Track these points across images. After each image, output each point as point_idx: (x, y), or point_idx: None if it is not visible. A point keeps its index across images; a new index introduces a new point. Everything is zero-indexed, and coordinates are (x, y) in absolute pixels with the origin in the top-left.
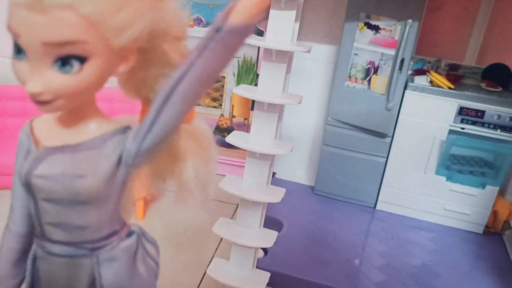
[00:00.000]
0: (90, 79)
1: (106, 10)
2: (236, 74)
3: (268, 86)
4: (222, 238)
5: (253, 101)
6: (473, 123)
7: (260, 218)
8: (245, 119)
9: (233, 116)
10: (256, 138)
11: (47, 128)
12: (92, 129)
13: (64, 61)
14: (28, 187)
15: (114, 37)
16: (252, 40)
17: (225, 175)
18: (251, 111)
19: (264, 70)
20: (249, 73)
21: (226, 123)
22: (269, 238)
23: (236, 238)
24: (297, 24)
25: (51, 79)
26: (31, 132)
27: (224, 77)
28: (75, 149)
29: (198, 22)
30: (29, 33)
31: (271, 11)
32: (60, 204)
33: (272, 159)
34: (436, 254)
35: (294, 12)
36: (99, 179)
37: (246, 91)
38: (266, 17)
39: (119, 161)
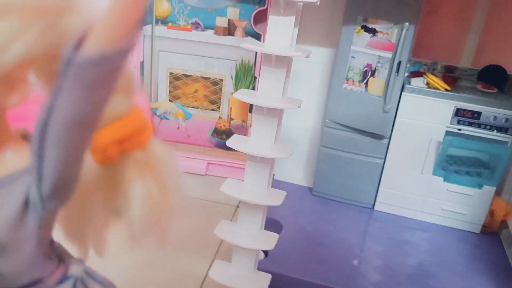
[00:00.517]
0: None
1: None
2: (233, 76)
3: (268, 91)
4: (222, 240)
5: (251, 104)
6: (470, 124)
7: (261, 220)
8: (243, 121)
9: (231, 119)
10: (256, 142)
11: None
12: (4, 160)
13: None
14: None
15: None
16: (251, 45)
17: (224, 177)
18: (249, 113)
19: (264, 74)
20: (247, 76)
21: (224, 125)
22: (270, 240)
23: (238, 240)
24: (296, 29)
25: None
26: None
27: (221, 80)
28: None
29: (196, 26)
30: None
31: (271, 17)
32: None
33: (272, 163)
34: (433, 254)
35: (293, 18)
36: (1, 223)
37: (246, 96)
38: (135, 40)
39: (26, 204)
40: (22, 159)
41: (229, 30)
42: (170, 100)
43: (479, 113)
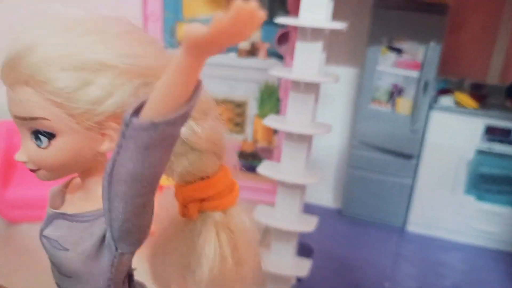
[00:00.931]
0: (60, 155)
1: (66, 89)
2: (257, 99)
3: (297, 116)
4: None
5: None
6: (500, 142)
7: (294, 247)
8: (269, 143)
9: (256, 141)
10: (287, 167)
11: (72, 190)
12: (90, 202)
13: (35, 135)
14: (42, 244)
15: (81, 115)
16: (280, 72)
17: (251, 200)
18: (274, 136)
19: (292, 100)
20: (271, 98)
21: (249, 148)
22: (304, 266)
23: (271, 267)
24: (324, 55)
25: (29, 150)
26: (61, 190)
27: (245, 102)
28: (72, 218)
29: None
30: (9, 107)
31: (298, 43)
32: (54, 267)
33: (303, 188)
34: (468, 275)
35: (320, 44)
36: (78, 256)
37: (276, 122)
38: (188, 111)
39: (102, 242)
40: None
41: (252, 51)
42: None
43: (510, 131)
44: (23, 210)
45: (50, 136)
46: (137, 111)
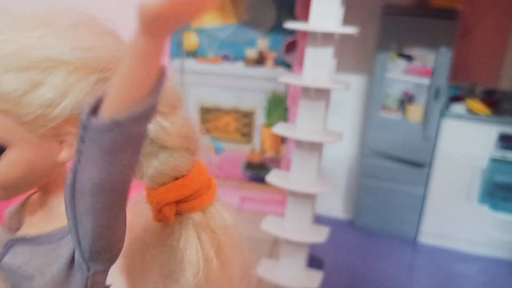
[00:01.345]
0: (14, 171)
1: (14, 92)
2: (265, 108)
3: (308, 124)
4: (260, 280)
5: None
6: None
7: (304, 258)
8: (277, 153)
9: (264, 151)
10: (297, 177)
11: (30, 211)
12: (52, 221)
13: None
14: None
15: (33, 122)
16: (290, 79)
17: (259, 212)
18: (282, 145)
19: (303, 108)
20: (279, 108)
21: (257, 158)
22: (314, 279)
23: (281, 280)
24: (335, 61)
25: None
26: (16, 211)
27: (253, 112)
28: (33, 241)
29: (226, 58)
30: None
31: (308, 49)
32: None
33: (314, 198)
34: (488, 286)
35: (331, 49)
36: (46, 285)
37: (286, 130)
38: (153, 105)
39: (71, 264)
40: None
41: (260, 61)
42: (201, 134)
43: None
44: None
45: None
46: (95, 110)
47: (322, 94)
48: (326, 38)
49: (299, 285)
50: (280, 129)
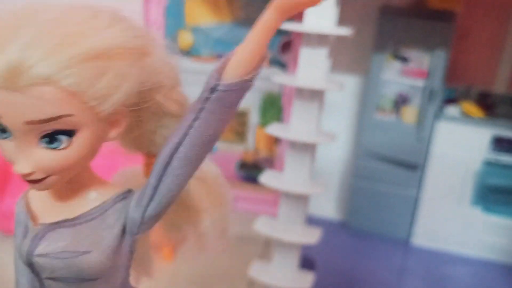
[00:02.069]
0: (81, 152)
1: (86, 79)
2: (260, 108)
3: (301, 125)
4: (249, 281)
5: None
6: (508, 152)
7: (297, 259)
8: (271, 153)
9: (258, 151)
10: (290, 177)
11: (44, 201)
12: (89, 199)
13: (51, 138)
14: (31, 266)
15: (100, 104)
16: (284, 79)
17: (252, 212)
18: (276, 145)
19: (297, 108)
20: (273, 107)
21: (251, 158)
22: (306, 280)
23: (273, 281)
24: (330, 61)
25: (40, 158)
26: (27, 206)
27: (247, 112)
28: (75, 222)
29: (220, 57)
30: (11, 113)
31: (303, 49)
32: (65, 281)
33: (306, 198)
34: None
35: (326, 50)
36: (104, 253)
37: (279, 130)
38: (259, 72)
39: (124, 231)
40: (103, 194)
41: None
42: None
43: None
44: None
45: (71, 133)
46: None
47: (316, 94)
48: (320, 39)
49: (291, 286)
50: (273, 129)
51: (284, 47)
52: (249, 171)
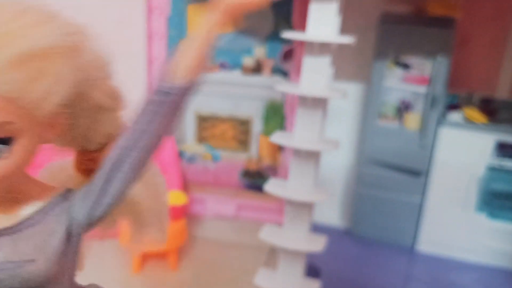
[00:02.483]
0: (22, 158)
1: (23, 84)
2: (263, 116)
3: (305, 132)
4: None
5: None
6: None
7: (302, 267)
8: (274, 161)
9: (262, 159)
10: (295, 185)
11: None
12: (28, 204)
13: None
14: None
15: (38, 108)
16: (287, 87)
17: (256, 220)
18: (279, 153)
19: (300, 116)
20: (276, 115)
21: (254, 166)
22: (311, 287)
23: None
24: (332, 70)
25: None
26: None
27: (250, 120)
28: (14, 230)
29: (223, 66)
30: None
31: (305, 58)
32: None
33: (311, 206)
34: None
35: (328, 58)
36: (49, 260)
37: (283, 139)
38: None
39: (68, 233)
40: (42, 198)
41: (257, 69)
42: (198, 142)
43: None
44: None
45: (9, 141)
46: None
47: (319, 102)
48: (323, 47)
49: None
50: (277, 138)
51: (286, 55)
52: (253, 179)
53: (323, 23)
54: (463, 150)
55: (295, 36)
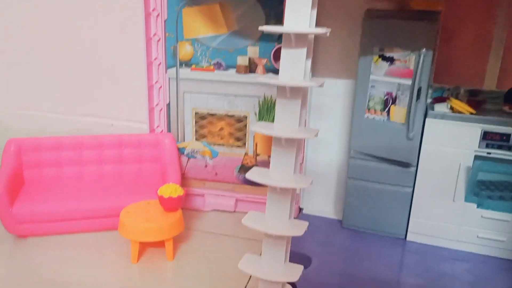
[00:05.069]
0: None
1: None
2: (257, 113)
3: (284, 122)
4: (250, 276)
5: None
6: (499, 147)
7: (285, 252)
8: (269, 156)
9: (257, 154)
10: (276, 173)
11: None
12: None
13: None
14: None
15: None
16: (266, 79)
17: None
18: None
19: (279, 106)
20: (270, 112)
21: (250, 161)
22: (294, 272)
23: (261, 273)
24: (309, 61)
25: None
26: None
27: (245, 117)
28: None
29: (218, 66)
30: None
31: (283, 50)
32: None
33: (293, 193)
34: (477, 286)
35: (305, 50)
36: None
37: (262, 128)
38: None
39: None
40: None
41: (250, 68)
42: (196, 139)
43: (508, 135)
44: (30, 225)
45: None
46: None
47: (297, 92)
48: (299, 39)
49: (278, 278)
50: (258, 127)
51: (276, 54)
52: None
53: (299, 15)
54: (450, 140)
55: (272, 29)
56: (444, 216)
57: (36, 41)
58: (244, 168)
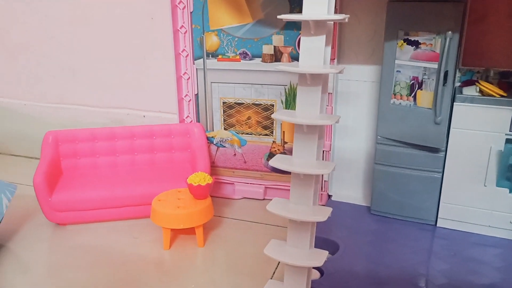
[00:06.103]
0: None
1: None
2: (283, 101)
3: (306, 109)
4: (279, 262)
5: None
6: None
7: (310, 238)
8: None
9: (285, 142)
10: (298, 160)
11: None
12: None
13: None
14: None
15: None
16: (285, 67)
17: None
18: None
19: (300, 94)
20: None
21: (278, 149)
22: (319, 257)
23: (285, 258)
24: (329, 48)
25: None
26: None
27: (272, 105)
28: None
29: (244, 56)
30: None
31: (302, 38)
32: None
33: (316, 179)
34: (506, 272)
35: (323, 37)
36: None
37: (284, 115)
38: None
39: None
40: None
41: (276, 57)
42: (225, 128)
43: None
44: (68, 213)
45: None
46: None
47: (317, 79)
48: (317, 26)
49: (302, 263)
50: (279, 115)
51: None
52: None
53: (317, 2)
54: (480, 124)
55: (290, 17)
56: (475, 201)
57: (72, 35)
58: (272, 156)
